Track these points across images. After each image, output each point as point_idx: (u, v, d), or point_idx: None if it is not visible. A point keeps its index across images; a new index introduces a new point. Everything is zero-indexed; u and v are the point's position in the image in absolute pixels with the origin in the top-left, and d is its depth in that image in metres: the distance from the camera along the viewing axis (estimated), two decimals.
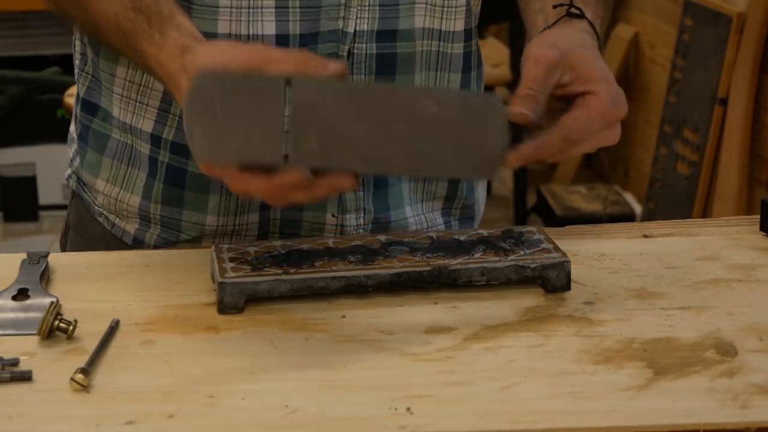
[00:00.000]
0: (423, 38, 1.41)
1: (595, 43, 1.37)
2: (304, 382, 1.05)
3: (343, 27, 1.35)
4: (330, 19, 1.34)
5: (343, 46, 1.36)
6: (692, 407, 1.02)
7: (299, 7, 1.33)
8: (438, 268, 1.21)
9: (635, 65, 4.27)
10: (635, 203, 4.13)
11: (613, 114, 1.26)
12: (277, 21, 1.33)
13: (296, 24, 1.33)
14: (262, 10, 1.32)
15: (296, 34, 1.33)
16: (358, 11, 1.35)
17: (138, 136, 1.38)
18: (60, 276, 1.26)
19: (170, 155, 1.37)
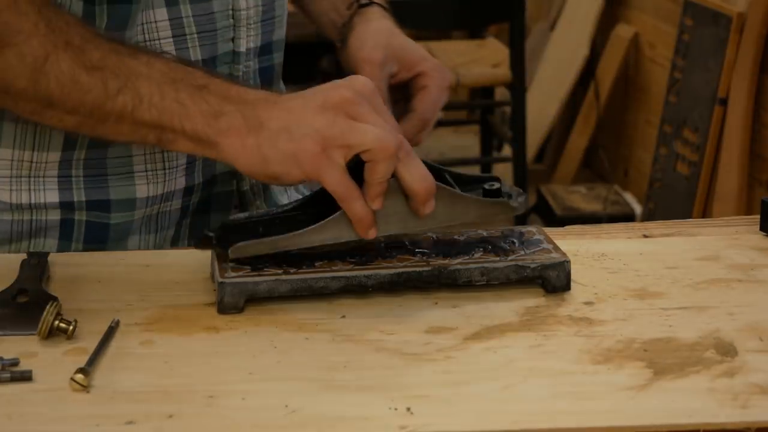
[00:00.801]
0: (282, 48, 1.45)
1: (393, 23, 1.45)
2: (304, 382, 1.05)
3: (235, 47, 1.36)
4: (224, 41, 1.35)
5: (237, 66, 1.37)
6: (692, 407, 1.02)
7: (196, 33, 1.32)
8: (438, 268, 1.21)
9: (635, 65, 4.27)
10: (635, 203, 4.13)
11: (445, 83, 1.41)
12: (176, 50, 1.31)
13: (196, 50, 1.33)
14: (160, 42, 1.31)
15: (198, 60, 1.33)
16: (246, 30, 1.36)
17: (42, 208, 1.33)
18: (60, 276, 1.26)
19: (88, 213, 1.34)
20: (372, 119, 1.14)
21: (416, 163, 1.15)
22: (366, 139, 1.13)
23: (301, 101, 1.16)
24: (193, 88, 1.17)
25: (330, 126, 1.13)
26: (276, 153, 1.14)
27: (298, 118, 1.14)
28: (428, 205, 1.17)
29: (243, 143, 1.15)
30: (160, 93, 1.17)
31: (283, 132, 1.14)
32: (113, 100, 1.18)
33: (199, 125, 1.16)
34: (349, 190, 1.14)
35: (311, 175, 1.14)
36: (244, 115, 1.16)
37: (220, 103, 1.17)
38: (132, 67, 1.18)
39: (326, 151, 1.13)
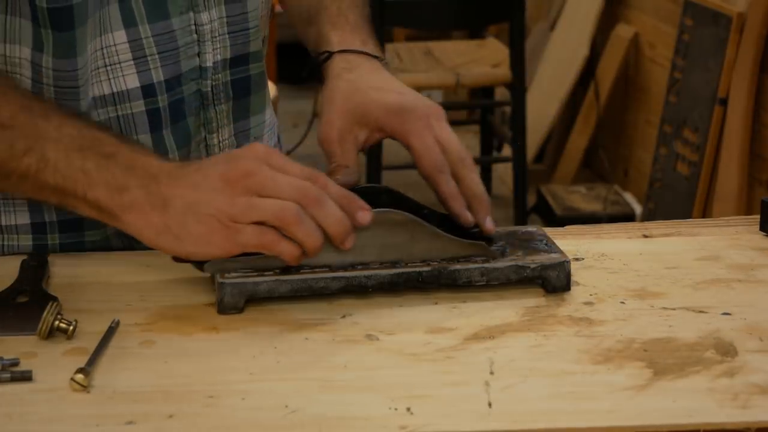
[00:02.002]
0: (260, 58, 1.44)
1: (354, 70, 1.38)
2: (304, 382, 1.05)
3: (201, 63, 1.35)
4: (188, 58, 1.34)
5: (205, 81, 1.36)
6: (692, 407, 1.02)
7: (157, 53, 1.31)
8: (438, 268, 1.21)
9: (635, 65, 4.27)
10: (635, 203, 4.13)
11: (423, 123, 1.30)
12: (138, 72, 1.30)
13: (158, 71, 1.32)
14: (120, 65, 1.30)
15: (161, 81, 1.32)
16: (211, 44, 1.35)
17: (14, 232, 1.33)
18: (60, 276, 1.26)
19: (61, 235, 1.33)
20: (272, 184, 1.15)
21: (327, 208, 1.16)
22: (265, 215, 1.14)
23: (203, 176, 1.16)
24: (99, 157, 1.17)
25: (231, 205, 1.14)
26: (187, 234, 1.15)
27: (200, 196, 1.15)
28: (346, 242, 1.17)
29: (147, 220, 1.16)
30: (67, 159, 1.17)
31: (189, 212, 1.15)
32: (18, 160, 1.18)
33: (102, 197, 1.17)
34: (267, 242, 1.15)
35: (228, 252, 1.16)
36: (148, 191, 1.16)
37: (124, 176, 1.17)
38: (41, 129, 1.18)
39: (233, 226, 1.15)
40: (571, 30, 4.53)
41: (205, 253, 1.17)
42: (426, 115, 1.30)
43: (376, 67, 1.39)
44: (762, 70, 3.36)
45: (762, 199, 1.37)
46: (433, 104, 1.32)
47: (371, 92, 1.34)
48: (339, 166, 1.30)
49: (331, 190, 1.17)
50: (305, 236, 1.15)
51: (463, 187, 1.27)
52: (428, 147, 1.28)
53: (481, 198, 1.27)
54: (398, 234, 1.21)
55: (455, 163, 1.28)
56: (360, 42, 1.41)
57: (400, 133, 1.31)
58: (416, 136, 1.29)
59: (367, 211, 1.18)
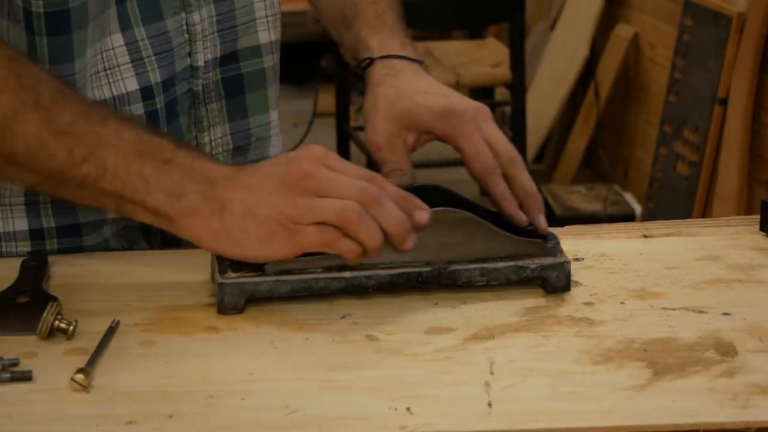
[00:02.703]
0: (271, 52, 1.43)
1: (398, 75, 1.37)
2: (304, 382, 1.05)
3: (192, 62, 1.35)
4: (180, 58, 1.34)
5: (196, 80, 1.36)
6: (692, 407, 1.02)
7: (154, 55, 1.31)
8: (438, 268, 1.21)
9: (635, 65, 4.27)
10: (635, 203, 4.13)
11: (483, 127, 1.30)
12: (137, 75, 1.30)
13: (155, 72, 1.32)
14: (119, 68, 1.30)
15: (158, 83, 1.32)
16: (202, 43, 1.35)
17: (12, 239, 1.32)
18: (60, 276, 1.26)
19: (59, 240, 1.33)
20: (331, 185, 1.15)
21: (387, 208, 1.16)
22: (327, 215, 1.14)
23: (260, 178, 1.16)
24: (158, 162, 1.17)
25: (292, 206, 1.14)
26: (247, 238, 1.15)
27: (258, 199, 1.15)
28: (406, 242, 1.17)
29: (206, 225, 1.16)
30: (126, 166, 1.17)
31: (248, 216, 1.15)
32: (77, 167, 1.18)
33: (160, 203, 1.17)
34: (328, 241, 1.15)
35: (289, 253, 1.16)
36: (205, 195, 1.16)
37: (182, 181, 1.16)
38: (100, 135, 1.18)
39: (294, 228, 1.15)
40: (571, 30, 4.53)
41: (266, 256, 1.16)
42: (474, 117, 1.31)
43: (418, 71, 1.38)
44: (762, 70, 3.36)
45: (762, 199, 1.37)
46: (479, 105, 1.32)
47: (417, 96, 1.34)
48: (392, 169, 1.31)
49: (389, 191, 1.17)
50: (367, 235, 1.14)
51: (515, 187, 1.27)
52: (479, 149, 1.29)
53: (534, 196, 1.27)
54: (456, 233, 1.21)
55: (506, 164, 1.28)
56: (399, 45, 1.40)
57: (449, 136, 1.31)
58: (466, 139, 1.29)
59: (425, 211, 1.18)
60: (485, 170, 1.28)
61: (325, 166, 1.16)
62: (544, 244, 1.24)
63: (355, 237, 1.15)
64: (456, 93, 1.35)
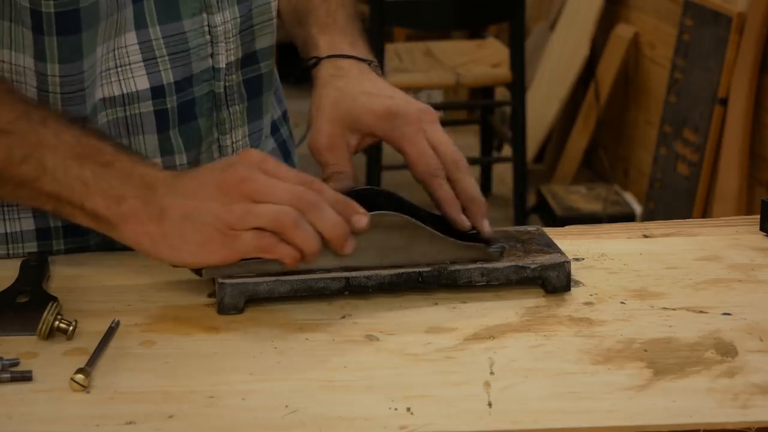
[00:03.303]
0: (275, 54, 1.43)
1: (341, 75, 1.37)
2: (304, 382, 1.06)
3: (214, 64, 1.35)
4: (200, 59, 1.33)
5: (218, 82, 1.36)
6: (692, 407, 1.02)
7: (167, 55, 1.31)
8: (438, 268, 1.21)
9: (635, 65, 4.27)
10: (635, 203, 4.13)
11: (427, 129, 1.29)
12: (148, 74, 1.30)
13: (168, 72, 1.31)
14: (131, 67, 1.29)
15: (171, 83, 1.32)
16: (225, 45, 1.35)
17: (19, 239, 1.33)
18: (60, 276, 1.26)
19: (66, 240, 1.34)
20: (268, 190, 1.15)
21: (324, 213, 1.15)
22: (263, 220, 1.14)
23: (199, 184, 1.16)
24: (97, 166, 1.17)
25: (228, 212, 1.14)
26: (184, 243, 1.15)
27: (197, 204, 1.15)
28: (345, 247, 1.17)
29: (145, 230, 1.16)
30: (64, 167, 1.17)
31: (186, 222, 1.15)
32: (16, 167, 1.18)
33: (99, 206, 1.17)
34: (265, 246, 1.15)
35: (226, 259, 1.16)
36: (144, 201, 1.16)
37: (122, 186, 1.16)
38: (41, 136, 1.18)
39: (231, 233, 1.14)
40: (571, 30, 4.53)
41: (203, 262, 1.16)
42: (418, 119, 1.29)
43: (365, 71, 1.37)
44: (762, 70, 3.36)
45: (762, 199, 1.37)
46: (424, 107, 1.31)
47: (361, 98, 1.33)
48: (334, 172, 1.30)
49: (327, 195, 1.17)
50: (303, 241, 1.14)
51: (458, 191, 1.26)
52: (422, 152, 1.28)
53: (477, 201, 1.26)
54: (396, 237, 1.21)
55: (450, 167, 1.27)
56: (349, 45, 1.40)
57: (392, 139, 1.30)
58: (409, 141, 1.29)
59: (363, 215, 1.18)
60: (428, 173, 1.27)
61: (262, 170, 1.16)
62: (486, 248, 1.24)
63: (291, 242, 1.14)
64: (402, 94, 1.34)
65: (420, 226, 1.21)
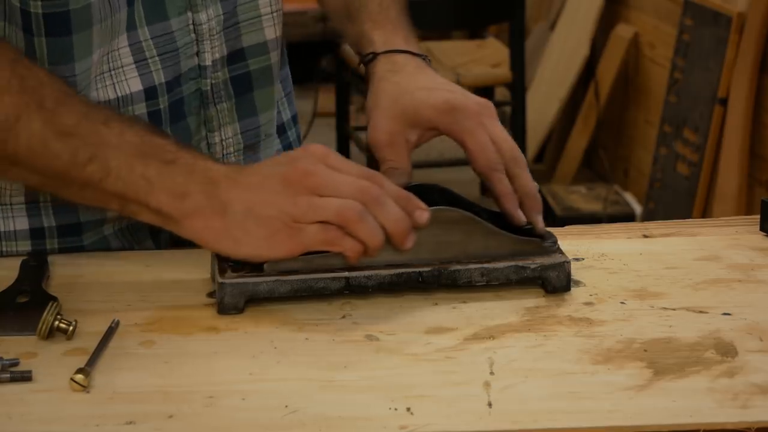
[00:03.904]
0: (276, 48, 1.43)
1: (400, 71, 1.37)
2: (304, 382, 1.05)
3: (200, 62, 1.35)
4: (187, 58, 1.33)
5: (205, 80, 1.36)
6: (692, 407, 1.02)
7: (158, 55, 1.31)
8: (438, 268, 1.21)
9: (635, 65, 4.27)
10: (635, 203, 4.13)
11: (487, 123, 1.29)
12: (140, 75, 1.30)
13: (159, 73, 1.31)
14: (123, 69, 1.29)
15: (162, 83, 1.32)
16: (209, 43, 1.35)
17: (13, 238, 1.33)
18: (60, 276, 1.26)
19: (59, 240, 1.33)
20: (332, 184, 1.15)
21: (387, 207, 1.16)
22: (328, 214, 1.14)
23: (261, 178, 1.17)
24: (161, 164, 1.17)
25: (293, 205, 1.14)
26: (249, 237, 1.15)
27: (260, 198, 1.15)
28: (406, 242, 1.17)
29: (207, 225, 1.16)
30: (129, 166, 1.17)
31: (249, 215, 1.15)
32: (81, 168, 1.18)
33: (163, 203, 1.17)
34: (330, 239, 1.15)
35: (291, 252, 1.16)
36: (208, 195, 1.16)
37: (185, 182, 1.17)
38: (103, 136, 1.18)
39: (295, 226, 1.15)
40: (571, 30, 4.53)
41: (267, 255, 1.16)
42: (478, 113, 1.30)
43: (421, 66, 1.38)
44: (762, 70, 3.36)
45: (762, 199, 1.37)
46: (483, 101, 1.32)
47: (420, 93, 1.33)
48: (391, 168, 1.30)
49: (390, 190, 1.17)
50: (367, 234, 1.14)
51: (516, 186, 1.27)
52: (483, 145, 1.28)
53: (534, 197, 1.27)
54: (454, 232, 1.21)
55: (509, 162, 1.28)
56: (403, 40, 1.40)
57: (453, 132, 1.30)
58: (470, 135, 1.29)
59: (425, 211, 1.18)
60: (489, 166, 1.27)
61: (326, 164, 1.16)
62: (542, 243, 1.24)
63: (356, 236, 1.15)
64: (460, 88, 1.34)
65: (477, 220, 1.22)
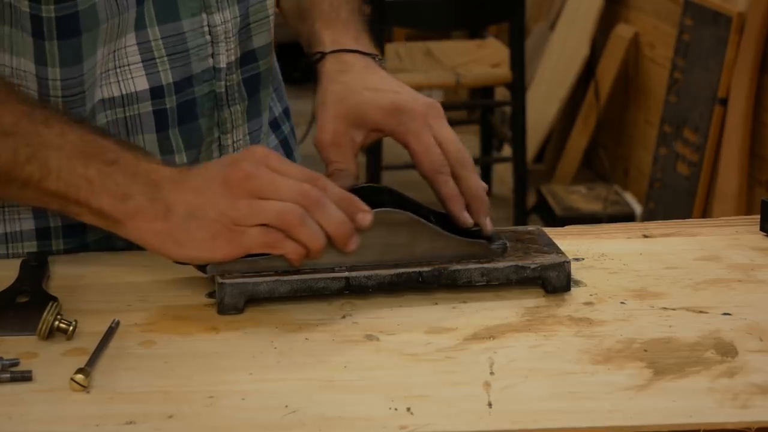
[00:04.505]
0: (273, 50, 1.43)
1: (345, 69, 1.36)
2: (304, 382, 1.05)
3: (215, 64, 1.35)
4: (200, 60, 1.33)
5: (219, 82, 1.36)
6: (692, 407, 1.02)
7: (166, 56, 1.30)
8: (438, 268, 1.21)
9: (635, 65, 4.27)
10: (635, 203, 4.13)
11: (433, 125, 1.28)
12: (147, 75, 1.30)
13: (167, 73, 1.31)
14: (129, 68, 1.29)
15: (170, 83, 1.31)
16: (225, 45, 1.34)
17: (19, 239, 1.33)
18: (60, 276, 1.26)
19: (65, 240, 1.33)
20: (273, 187, 1.15)
21: (328, 210, 1.16)
22: (268, 217, 1.14)
23: (204, 180, 1.16)
24: (102, 164, 1.17)
25: (233, 208, 1.14)
26: (190, 239, 1.15)
27: (203, 201, 1.15)
28: (349, 245, 1.17)
29: (151, 227, 1.16)
30: (69, 167, 1.17)
31: (192, 218, 1.15)
32: (21, 167, 1.17)
33: (105, 204, 1.17)
34: (271, 242, 1.15)
35: (231, 255, 1.16)
36: (150, 198, 1.16)
37: (127, 184, 1.16)
38: (44, 136, 1.18)
39: (236, 229, 1.15)
40: (571, 30, 4.53)
41: (208, 258, 1.17)
42: (424, 114, 1.29)
43: (370, 65, 1.37)
44: (762, 70, 3.36)
45: (762, 199, 1.37)
46: (430, 102, 1.31)
47: (366, 93, 1.32)
48: (336, 169, 1.30)
49: (332, 192, 1.17)
50: (308, 238, 1.15)
51: (462, 188, 1.26)
52: (427, 147, 1.27)
53: (481, 198, 1.26)
54: (400, 234, 1.21)
55: (454, 164, 1.27)
56: (353, 39, 1.39)
57: (397, 134, 1.29)
58: (414, 137, 1.28)
59: (367, 213, 1.18)
60: (433, 169, 1.27)
61: (267, 167, 1.16)
62: (488, 245, 1.24)
63: (297, 239, 1.15)
64: (408, 89, 1.33)
65: (423, 223, 1.22)
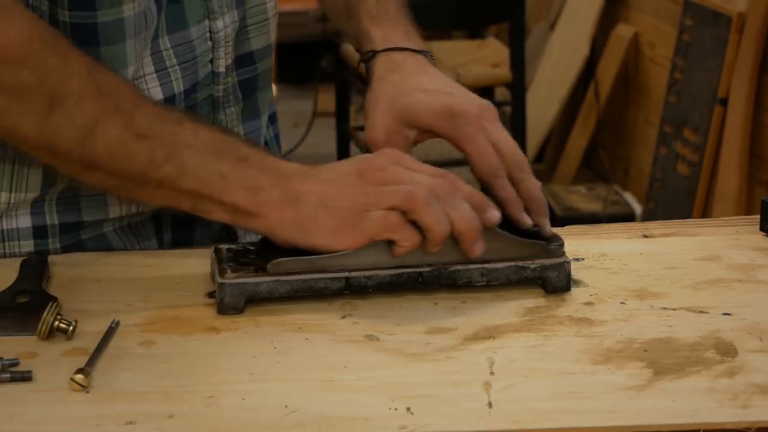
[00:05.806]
0: (273, 52, 1.43)
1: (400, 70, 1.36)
2: (304, 382, 1.06)
3: (214, 68, 1.35)
4: (203, 66, 1.33)
5: (217, 86, 1.36)
6: (692, 407, 1.02)
7: (178, 64, 1.30)
8: (438, 268, 1.21)
9: (635, 65, 4.27)
10: (635, 203, 4.14)
11: (487, 127, 1.28)
12: (161, 84, 1.30)
13: (179, 82, 1.31)
14: (145, 79, 1.29)
15: (180, 92, 1.31)
16: (224, 49, 1.35)
17: (15, 237, 1.32)
18: (60, 276, 1.26)
19: (61, 238, 1.33)
20: (404, 178, 1.16)
21: (459, 204, 1.16)
22: (397, 198, 1.15)
23: (334, 173, 1.18)
24: (235, 160, 1.18)
25: (364, 195, 1.16)
26: (319, 228, 1.16)
27: (334, 191, 1.17)
28: (476, 246, 1.18)
29: (281, 216, 1.17)
30: (204, 164, 1.17)
31: (321, 206, 1.16)
32: (158, 169, 1.18)
33: (238, 198, 1.17)
34: (390, 224, 1.16)
35: (356, 243, 1.17)
36: (281, 188, 1.17)
37: (259, 177, 1.18)
38: (178, 136, 1.18)
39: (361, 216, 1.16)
40: (571, 30, 4.54)
41: (332, 246, 1.17)
42: (478, 116, 1.29)
43: (422, 64, 1.36)
44: (762, 70, 3.36)
45: (762, 199, 1.37)
46: (484, 103, 1.30)
47: (418, 94, 1.32)
48: None
49: (462, 190, 1.17)
50: (434, 219, 1.15)
51: (520, 190, 1.26)
52: (483, 151, 1.27)
53: (539, 200, 1.26)
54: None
55: (511, 166, 1.27)
56: (403, 36, 1.39)
57: (452, 138, 1.29)
58: (469, 141, 1.28)
59: (496, 211, 1.19)
60: (490, 173, 1.27)
61: (400, 165, 1.17)
62: (547, 245, 1.24)
63: (421, 221, 1.15)
64: (461, 89, 1.33)
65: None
